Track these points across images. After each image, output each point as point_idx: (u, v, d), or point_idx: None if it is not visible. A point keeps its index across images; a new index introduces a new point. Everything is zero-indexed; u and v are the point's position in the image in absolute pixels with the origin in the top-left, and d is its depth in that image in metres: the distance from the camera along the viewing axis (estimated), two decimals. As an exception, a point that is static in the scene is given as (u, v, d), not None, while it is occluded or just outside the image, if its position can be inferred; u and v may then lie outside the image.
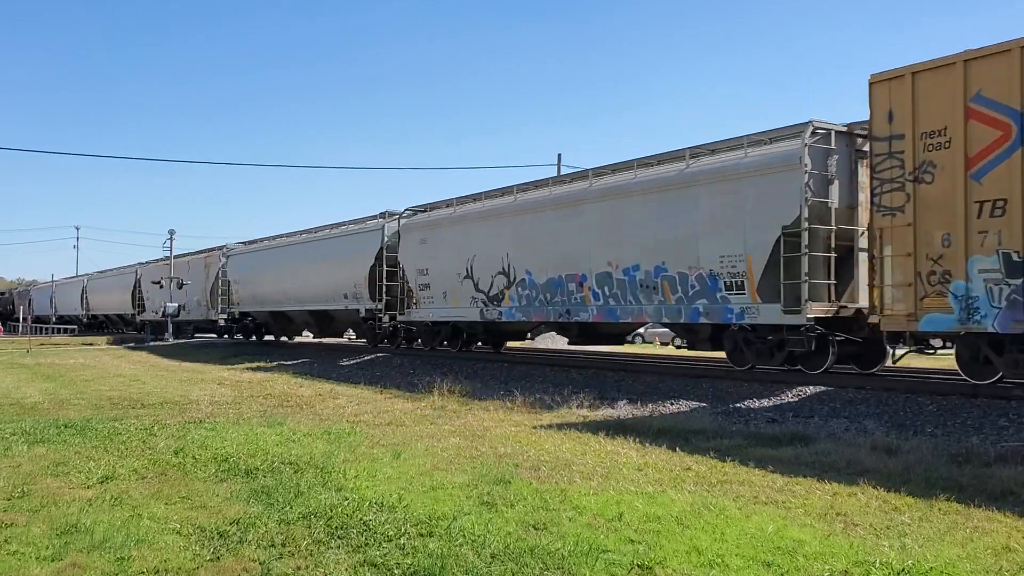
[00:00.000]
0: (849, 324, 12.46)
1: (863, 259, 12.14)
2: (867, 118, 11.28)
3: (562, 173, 30.68)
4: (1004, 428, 8.99)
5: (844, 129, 12.61)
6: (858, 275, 12.55)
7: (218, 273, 33.94)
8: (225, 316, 33.79)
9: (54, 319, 61.78)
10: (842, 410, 10.66)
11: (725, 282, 13.19)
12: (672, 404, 11.04)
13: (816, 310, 12.06)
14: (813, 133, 12.33)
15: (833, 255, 12.30)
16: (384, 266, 22.54)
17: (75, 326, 57.78)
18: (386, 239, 22.80)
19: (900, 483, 6.75)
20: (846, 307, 12.40)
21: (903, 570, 4.65)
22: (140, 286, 43.57)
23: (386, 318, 22.79)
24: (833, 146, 12.41)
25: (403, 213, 23.00)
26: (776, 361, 13.09)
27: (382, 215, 23.89)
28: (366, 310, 23.40)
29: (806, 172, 12.05)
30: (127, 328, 47.69)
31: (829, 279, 12.31)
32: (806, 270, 11.99)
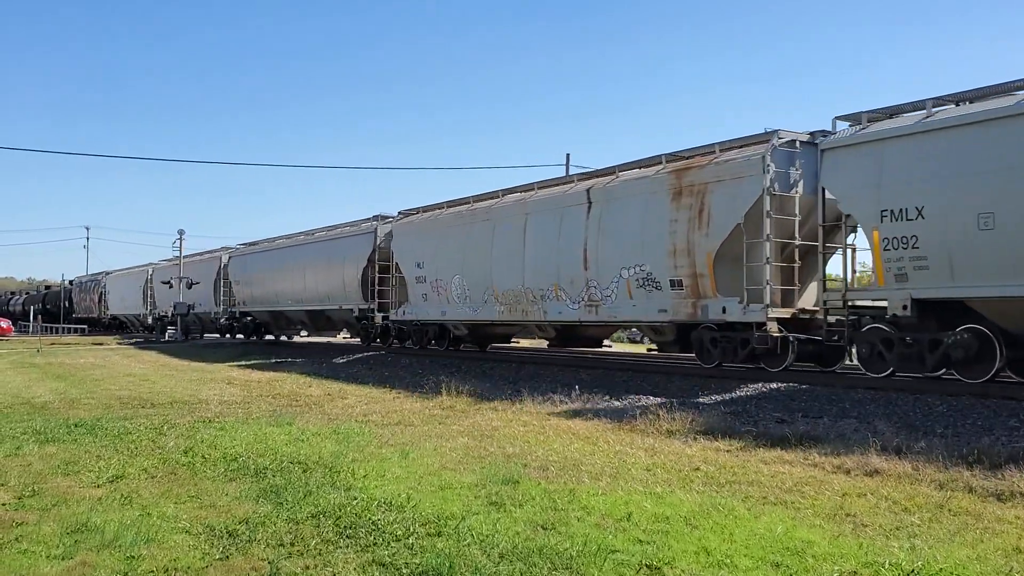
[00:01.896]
0: None
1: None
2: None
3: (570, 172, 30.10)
4: (1015, 428, 8.94)
5: None
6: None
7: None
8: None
9: (150, 319, 43.58)
10: (851, 410, 10.62)
11: None
12: (680, 404, 11.01)
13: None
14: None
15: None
16: None
17: (84, 325, 56.25)
18: None
19: (910, 484, 6.73)
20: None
21: (913, 571, 4.64)
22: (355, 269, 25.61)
23: None
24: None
25: None
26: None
27: None
28: None
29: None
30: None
31: None
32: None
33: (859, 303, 12.81)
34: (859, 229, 12.94)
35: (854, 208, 12.54)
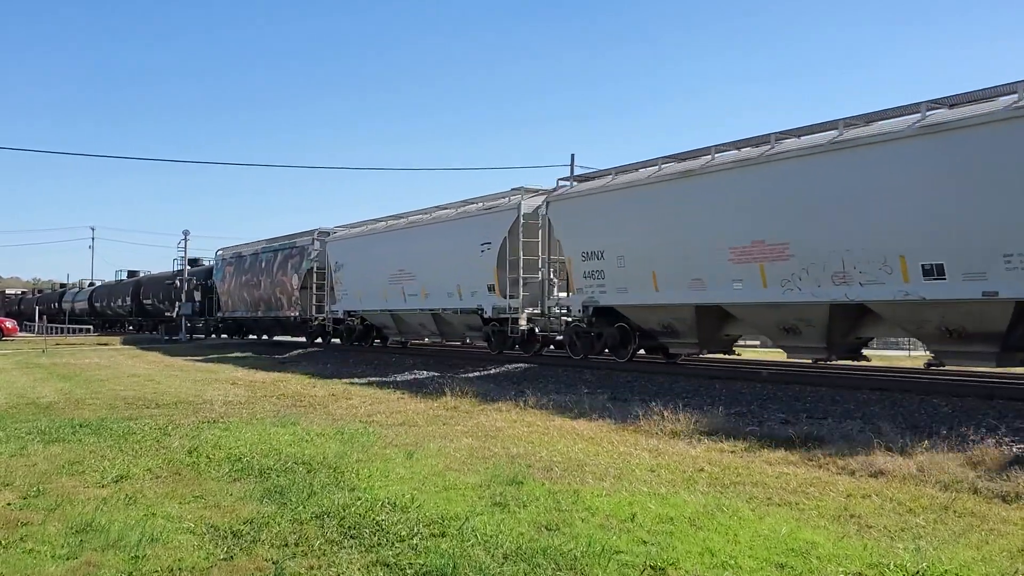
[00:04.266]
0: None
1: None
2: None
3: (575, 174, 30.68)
4: (1020, 430, 8.91)
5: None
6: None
7: None
8: None
9: (526, 325, 19.91)
10: (856, 411, 10.60)
11: None
12: (685, 405, 11.01)
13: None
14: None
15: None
16: None
17: (89, 325, 54.77)
18: None
19: (914, 485, 6.71)
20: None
21: (917, 572, 4.63)
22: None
23: None
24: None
25: None
26: None
27: None
28: None
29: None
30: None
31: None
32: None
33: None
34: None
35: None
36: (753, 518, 5.78)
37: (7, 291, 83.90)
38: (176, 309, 38.85)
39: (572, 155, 37.94)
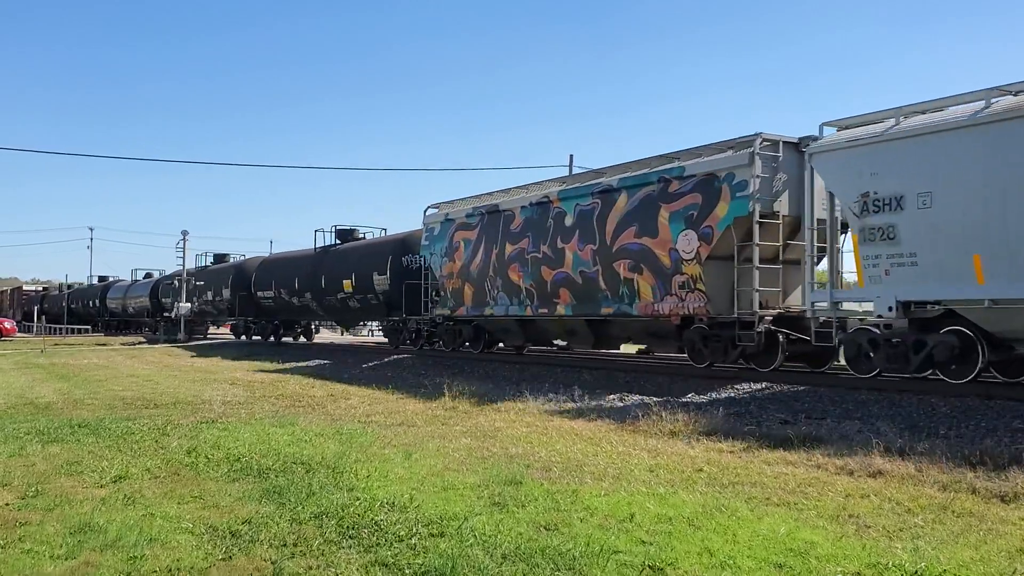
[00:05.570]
0: None
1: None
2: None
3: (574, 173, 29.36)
4: (1018, 430, 8.92)
5: None
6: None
7: None
8: None
9: None
10: (855, 411, 10.60)
11: None
12: (683, 405, 11.02)
13: None
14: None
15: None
16: None
17: (88, 326, 54.30)
18: None
19: (913, 485, 6.72)
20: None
21: (916, 572, 4.63)
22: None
23: None
24: None
25: None
26: None
27: None
28: None
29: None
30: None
31: None
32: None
33: None
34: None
35: None
36: (752, 518, 5.78)
37: (24, 288, 78.45)
38: (175, 310, 38.11)
39: (571, 156, 37.87)
